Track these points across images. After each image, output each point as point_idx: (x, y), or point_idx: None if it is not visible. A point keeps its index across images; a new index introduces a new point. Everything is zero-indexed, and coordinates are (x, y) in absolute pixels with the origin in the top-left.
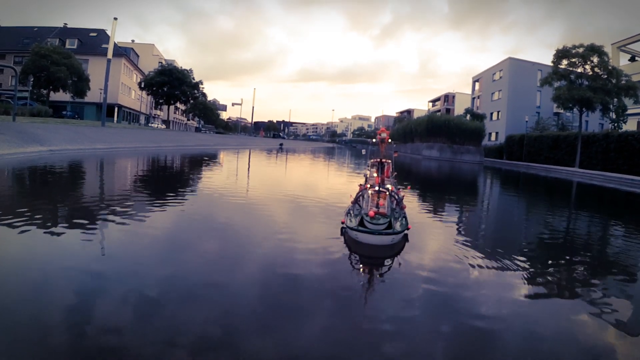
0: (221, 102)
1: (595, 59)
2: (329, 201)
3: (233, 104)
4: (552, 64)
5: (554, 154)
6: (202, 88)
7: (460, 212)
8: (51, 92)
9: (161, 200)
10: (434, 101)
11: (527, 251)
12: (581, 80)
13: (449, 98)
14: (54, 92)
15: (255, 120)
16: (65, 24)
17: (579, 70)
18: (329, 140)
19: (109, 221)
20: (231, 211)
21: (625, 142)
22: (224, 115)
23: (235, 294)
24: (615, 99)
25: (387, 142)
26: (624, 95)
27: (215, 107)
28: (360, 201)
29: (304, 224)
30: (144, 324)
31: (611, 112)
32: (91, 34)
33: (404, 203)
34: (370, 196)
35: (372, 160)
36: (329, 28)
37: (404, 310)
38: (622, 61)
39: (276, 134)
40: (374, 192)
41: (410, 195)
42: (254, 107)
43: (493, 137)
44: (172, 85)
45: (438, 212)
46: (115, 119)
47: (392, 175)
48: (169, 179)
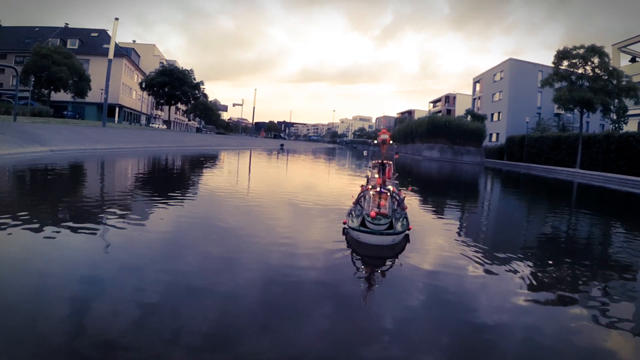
0: (222, 103)
1: (596, 60)
2: (329, 202)
3: (234, 105)
4: (552, 65)
5: (554, 155)
6: (203, 88)
7: (460, 213)
8: (52, 92)
9: (161, 200)
10: (434, 102)
11: (528, 252)
12: (582, 81)
13: (449, 99)
14: (55, 92)
15: (256, 120)
16: (67, 24)
17: (580, 71)
18: (329, 141)
19: (109, 221)
20: (231, 211)
21: (625, 143)
22: (225, 116)
23: (236, 294)
24: (616, 99)
25: (388, 143)
26: (624, 96)
27: (216, 107)
28: (361, 202)
29: (304, 224)
30: (144, 324)
31: (612, 113)
32: (92, 34)
33: (405, 204)
34: (372, 197)
35: (374, 161)
36: (330, 28)
37: (405, 311)
38: (623, 62)
39: (277, 135)
40: (376, 193)
41: (411, 196)
42: (254, 107)
43: (494, 138)
44: (173, 85)
45: (439, 213)
46: (116, 119)
47: (394, 176)
48: (169, 179)
